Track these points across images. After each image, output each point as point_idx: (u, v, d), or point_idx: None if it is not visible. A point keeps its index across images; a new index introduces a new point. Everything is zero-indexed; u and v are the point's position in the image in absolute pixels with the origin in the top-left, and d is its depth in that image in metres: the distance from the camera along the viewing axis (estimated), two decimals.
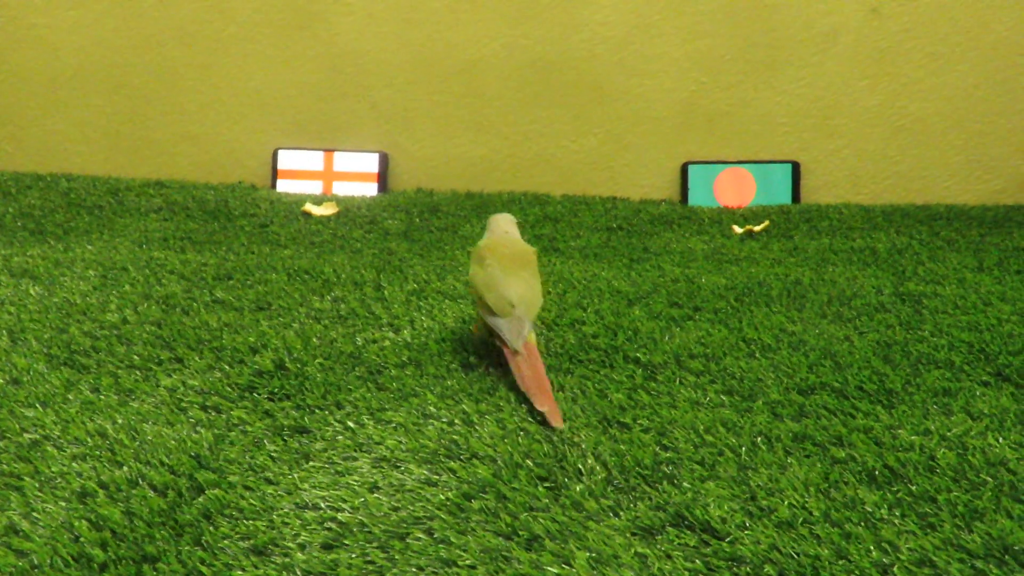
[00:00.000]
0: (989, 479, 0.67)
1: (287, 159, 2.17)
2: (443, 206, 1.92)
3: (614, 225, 1.79)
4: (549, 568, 0.56)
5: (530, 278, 0.93)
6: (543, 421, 0.81)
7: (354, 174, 2.17)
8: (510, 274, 0.92)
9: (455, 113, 2.15)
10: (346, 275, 1.31)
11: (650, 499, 0.66)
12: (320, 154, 2.17)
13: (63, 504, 0.64)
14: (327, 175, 2.16)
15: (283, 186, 2.17)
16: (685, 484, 0.68)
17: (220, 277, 1.30)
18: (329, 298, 1.19)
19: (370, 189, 2.16)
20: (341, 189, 2.13)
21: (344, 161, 2.16)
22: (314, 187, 2.15)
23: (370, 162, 2.15)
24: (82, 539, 0.59)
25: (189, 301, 1.17)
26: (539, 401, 0.82)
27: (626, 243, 1.63)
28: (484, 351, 0.97)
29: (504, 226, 1.00)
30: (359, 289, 1.24)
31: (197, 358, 0.95)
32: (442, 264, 1.42)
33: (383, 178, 2.15)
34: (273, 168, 2.18)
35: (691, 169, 2.05)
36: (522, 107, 2.13)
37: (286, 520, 0.63)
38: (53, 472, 0.69)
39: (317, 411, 0.82)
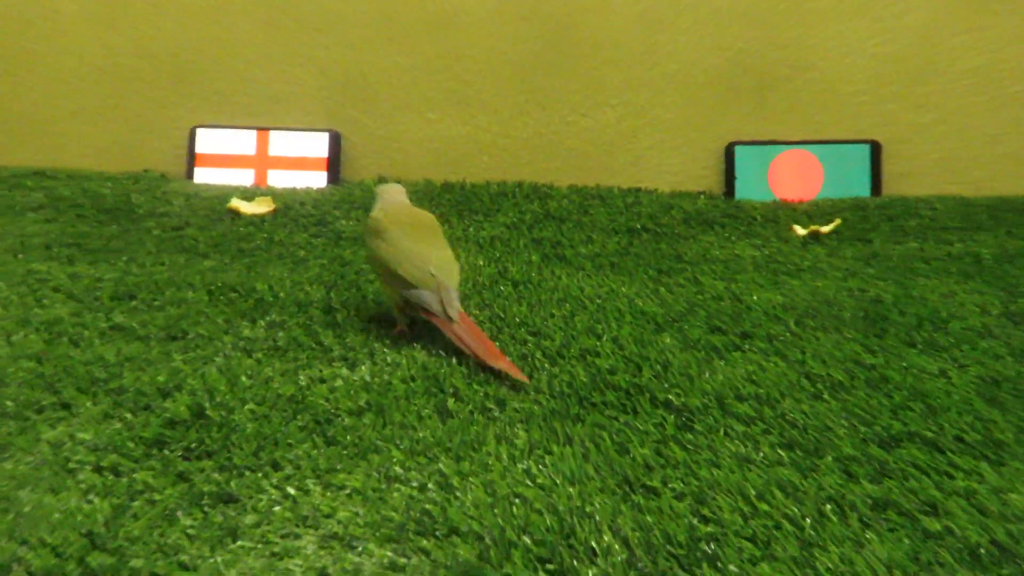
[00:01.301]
0: None
1: (208, 140, 2.20)
2: (413, 200, 1.95)
3: (637, 225, 1.81)
4: None
5: (442, 245, 1.14)
6: (500, 376, 0.96)
7: (296, 160, 2.18)
8: (421, 242, 1.13)
9: (428, 80, 2.18)
10: (286, 293, 1.33)
11: None
12: (251, 134, 2.20)
13: None
14: (261, 161, 2.18)
15: (202, 176, 2.20)
16: (731, 568, 0.68)
17: (120, 296, 1.31)
18: (263, 324, 1.20)
19: (317, 179, 2.17)
20: (279, 179, 2.15)
21: (283, 143, 2.18)
22: (243, 177, 2.17)
23: (317, 144, 2.18)
24: None
25: (79, 328, 1.17)
26: (493, 361, 1.02)
27: (652, 249, 1.65)
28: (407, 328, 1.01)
29: (397, 196, 1.21)
30: (303, 312, 1.25)
31: (90, 404, 0.96)
32: None
33: (334, 165, 2.17)
34: (190, 152, 2.20)
35: (738, 151, 2.06)
36: (516, 72, 2.16)
37: None
38: None
39: (247, 473, 0.82)
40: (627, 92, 2.15)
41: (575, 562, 0.70)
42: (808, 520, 0.75)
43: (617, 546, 0.71)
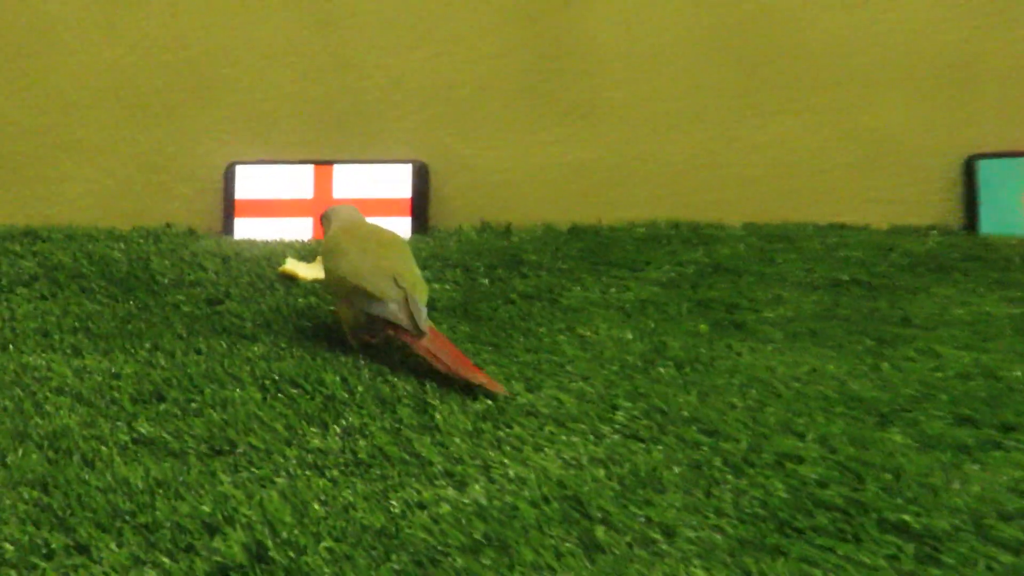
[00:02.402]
0: None
1: (250, 181, 2.26)
2: (529, 253, 1.98)
3: (843, 277, 1.81)
4: None
5: (408, 261, 1.41)
6: (478, 392, 1.19)
7: (370, 203, 2.23)
8: (384, 257, 1.41)
9: (540, 89, 2.23)
10: (364, 387, 1.35)
11: None
12: (308, 170, 2.25)
13: None
14: (322, 206, 2.23)
15: (244, 229, 2.25)
16: None
17: (144, 398, 1.34)
18: (337, 429, 1.23)
19: (399, 227, 2.21)
20: None
21: (352, 180, 2.24)
22: (300, 228, 2.22)
23: (398, 180, 2.23)
24: None
25: (93, 443, 1.20)
26: (471, 376, 1.28)
27: (867, 309, 1.65)
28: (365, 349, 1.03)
29: (353, 216, 1.48)
30: (389, 412, 1.28)
31: (113, 545, 0.97)
32: (533, 361, 1.45)
33: (420, 207, 2.22)
34: (227, 198, 2.26)
35: (981, 168, 2.05)
36: (666, 69, 2.18)
37: None
38: None
39: None
40: (819, 91, 2.15)
41: None
42: None
43: None
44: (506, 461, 1.13)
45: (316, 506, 1.04)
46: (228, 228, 2.26)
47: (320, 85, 2.27)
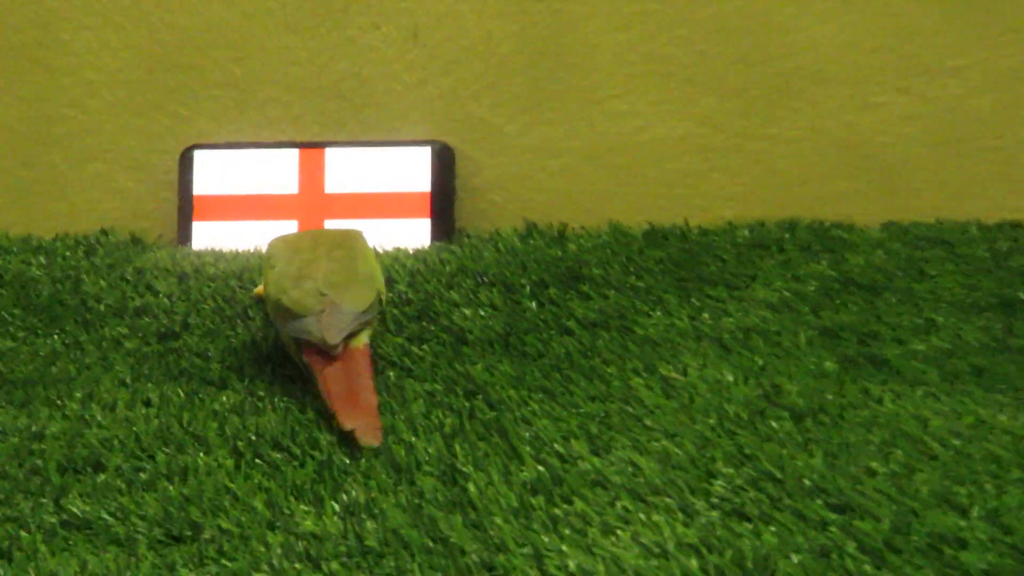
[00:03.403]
0: None
1: (214, 171, 2.28)
2: (592, 266, 1.99)
3: (1020, 295, 1.80)
4: None
5: (345, 257, 1.54)
6: (350, 442, 1.28)
7: (375, 199, 2.24)
8: (312, 261, 1.54)
9: (610, 42, 2.24)
10: (371, 449, 1.37)
11: None
12: (292, 155, 2.27)
13: None
14: (310, 203, 2.25)
15: (207, 235, 2.26)
16: None
17: (76, 466, 1.34)
18: (336, 507, 1.23)
19: (415, 232, 2.22)
20: None
21: (350, 169, 2.26)
22: (281, 232, 2.22)
23: (412, 167, 2.24)
24: None
25: (9, 526, 1.21)
26: (346, 417, 1.38)
27: None
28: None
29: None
30: (405, 481, 1.29)
31: None
32: (600, 412, 1.46)
33: (443, 205, 2.23)
34: (183, 194, 2.27)
35: None
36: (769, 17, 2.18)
37: None
38: None
39: None
40: (985, 42, 2.15)
41: None
42: None
43: None
44: (565, 548, 1.13)
45: None
46: (185, 235, 2.27)
47: (309, 39, 2.31)
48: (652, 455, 1.33)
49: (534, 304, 1.87)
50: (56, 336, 1.80)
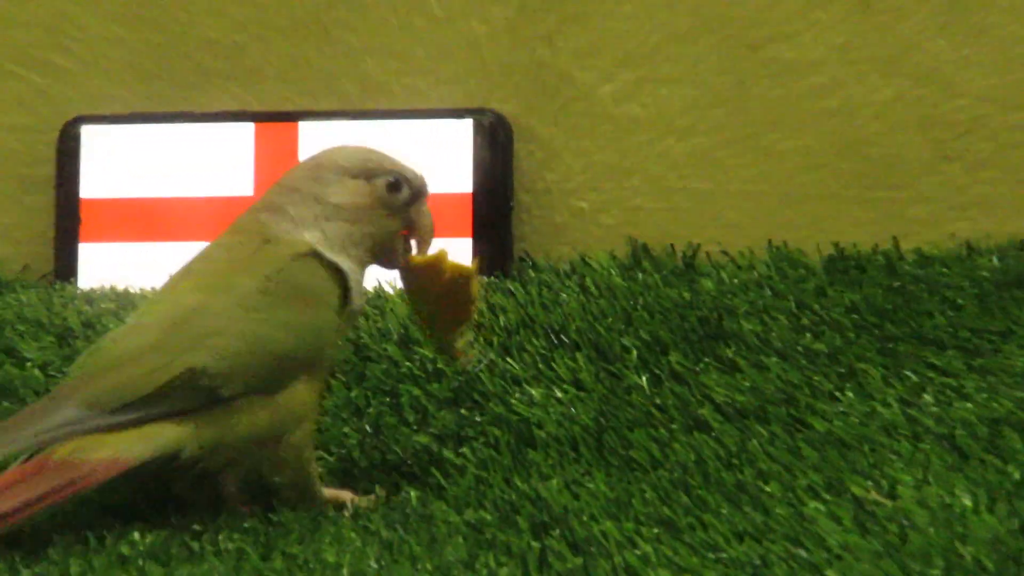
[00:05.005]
0: None
1: (115, 158, 2.26)
2: (739, 318, 1.94)
3: None
4: None
5: (193, 291, 1.60)
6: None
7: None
8: (146, 312, 1.67)
9: None
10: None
11: None
12: (246, 131, 2.24)
13: None
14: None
15: (99, 262, 2.24)
16: None
17: None
18: None
19: (455, 251, 2.07)
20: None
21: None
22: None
23: (443, 155, 2.19)
24: None
25: None
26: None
27: None
28: None
29: None
30: None
31: None
32: (753, 557, 1.37)
33: (493, 214, 2.21)
34: (63, 196, 2.26)
35: None
36: None
37: None
38: None
39: None
40: None
41: None
42: None
43: None
44: None
45: None
46: (66, 263, 2.25)
47: None
48: None
49: (645, 380, 1.81)
50: None
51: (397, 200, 1.60)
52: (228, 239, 1.66)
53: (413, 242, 1.64)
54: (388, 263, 1.65)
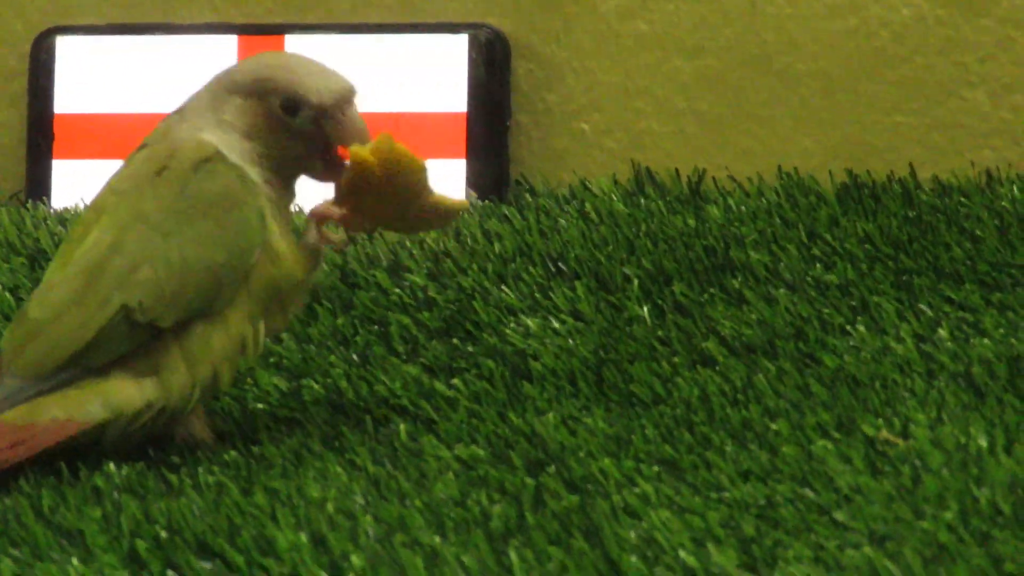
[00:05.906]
0: None
1: (91, 73, 2.21)
2: (746, 248, 1.92)
3: None
4: None
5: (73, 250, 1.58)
6: None
7: (368, 123, 2.02)
8: (59, 265, 1.58)
9: None
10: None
11: None
12: (229, 43, 2.20)
13: None
14: None
15: (73, 181, 2.19)
16: None
17: None
18: None
19: (442, 182, 2.02)
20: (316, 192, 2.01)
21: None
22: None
23: (437, 72, 2.17)
24: None
25: None
26: None
27: None
28: None
29: None
30: None
31: None
32: (758, 497, 1.36)
33: (489, 136, 2.16)
34: (36, 112, 2.21)
35: None
36: None
37: None
38: None
39: None
40: None
41: None
42: None
43: None
44: None
45: None
46: (38, 182, 2.21)
47: None
48: (848, 574, 1.20)
49: (647, 312, 1.79)
50: None
51: (293, 123, 1.55)
52: (135, 159, 1.64)
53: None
54: (318, 178, 1.61)
